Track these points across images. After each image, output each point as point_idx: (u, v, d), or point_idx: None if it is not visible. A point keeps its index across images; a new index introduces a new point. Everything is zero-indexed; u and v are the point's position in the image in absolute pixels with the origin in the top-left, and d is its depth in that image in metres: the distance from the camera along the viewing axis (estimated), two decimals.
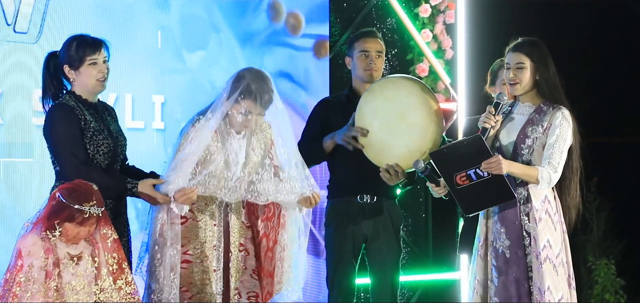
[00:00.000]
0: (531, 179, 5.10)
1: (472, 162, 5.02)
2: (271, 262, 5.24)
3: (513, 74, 5.18)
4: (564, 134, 5.12)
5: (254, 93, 5.03)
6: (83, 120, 4.94)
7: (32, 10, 6.06)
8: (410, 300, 7.78)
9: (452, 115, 7.71)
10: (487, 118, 5.15)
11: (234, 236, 5.17)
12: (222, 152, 5.06)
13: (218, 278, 5.09)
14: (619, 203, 8.70)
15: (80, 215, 4.57)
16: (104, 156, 4.98)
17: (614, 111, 8.80)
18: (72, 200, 4.57)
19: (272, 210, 5.26)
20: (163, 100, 6.54)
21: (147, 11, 6.47)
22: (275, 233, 5.25)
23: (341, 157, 5.75)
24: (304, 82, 7.16)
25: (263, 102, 5.05)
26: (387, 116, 5.49)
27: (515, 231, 5.14)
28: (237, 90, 5.03)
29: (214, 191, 5.03)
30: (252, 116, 5.06)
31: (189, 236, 5.08)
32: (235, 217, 5.16)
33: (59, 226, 4.57)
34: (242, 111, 5.05)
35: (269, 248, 5.25)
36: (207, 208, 5.10)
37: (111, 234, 4.72)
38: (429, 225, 7.85)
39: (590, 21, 8.71)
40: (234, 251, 5.15)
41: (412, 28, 7.62)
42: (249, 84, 5.03)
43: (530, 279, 5.11)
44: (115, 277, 4.70)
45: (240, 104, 5.04)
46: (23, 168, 6.05)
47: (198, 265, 5.08)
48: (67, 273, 4.60)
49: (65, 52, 5.01)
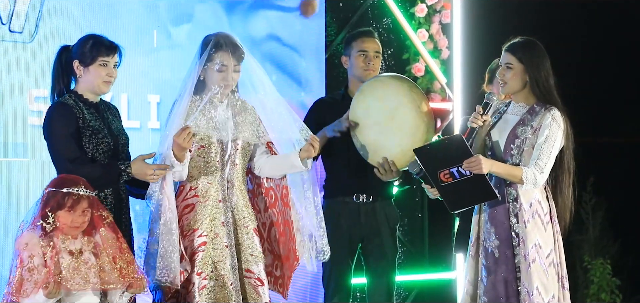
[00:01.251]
0: (515, 180, 5.09)
1: (455, 161, 5.04)
2: (286, 245, 5.21)
3: (501, 74, 5.20)
4: (553, 135, 5.11)
5: (223, 44, 5.05)
6: (82, 119, 4.93)
7: (28, 10, 6.05)
8: (406, 299, 7.77)
9: (448, 115, 7.70)
10: (475, 118, 5.16)
11: (240, 214, 5.12)
12: (210, 123, 5.04)
13: (231, 254, 5.04)
14: (615, 203, 8.72)
15: (70, 198, 4.60)
16: (104, 155, 4.97)
17: (610, 111, 8.81)
18: (60, 187, 4.61)
19: (274, 196, 5.24)
20: (159, 99, 6.53)
21: (143, 10, 6.46)
22: (283, 215, 5.22)
23: (337, 157, 5.76)
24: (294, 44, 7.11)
25: (235, 53, 5.07)
26: (378, 115, 5.51)
27: (504, 231, 5.15)
28: (207, 47, 5.06)
29: (206, 130, 5.02)
30: (228, 69, 5.06)
31: (201, 218, 5.04)
32: (238, 195, 5.13)
33: (51, 214, 4.59)
34: (216, 65, 5.05)
35: (281, 232, 5.22)
36: (211, 186, 5.07)
37: (107, 216, 4.73)
38: (425, 225, 7.85)
39: (586, 21, 8.72)
40: (240, 230, 5.10)
41: (408, 28, 7.61)
42: (218, 39, 5.07)
43: (518, 279, 5.12)
44: (114, 257, 4.69)
45: (214, 59, 5.04)
46: (20, 167, 6.04)
47: (211, 244, 5.03)
48: (70, 267, 4.58)
49: (79, 48, 5.01)
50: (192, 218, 5.03)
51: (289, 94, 7.02)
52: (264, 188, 5.27)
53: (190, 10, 6.65)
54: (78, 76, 5.01)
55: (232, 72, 5.08)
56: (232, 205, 5.10)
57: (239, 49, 5.10)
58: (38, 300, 4.52)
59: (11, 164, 6.02)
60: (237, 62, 5.09)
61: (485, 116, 5.17)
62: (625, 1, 8.58)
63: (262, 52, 6.91)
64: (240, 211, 5.12)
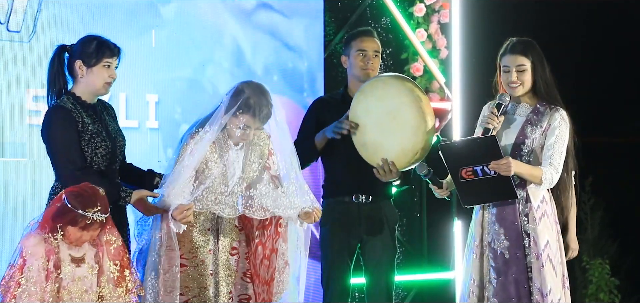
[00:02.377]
0: (535, 180, 5.11)
1: (481, 160, 5.05)
2: (268, 270, 5.17)
3: (515, 77, 5.17)
4: (562, 135, 5.14)
5: (252, 108, 5.00)
6: (81, 123, 4.91)
7: (26, 8, 6.03)
8: (404, 299, 7.77)
9: (446, 114, 7.67)
10: (491, 119, 5.15)
11: (225, 240, 5.14)
12: (220, 164, 5.04)
13: (215, 282, 5.08)
14: (614, 202, 8.72)
15: (84, 220, 4.56)
16: (102, 158, 4.95)
17: (609, 110, 8.81)
18: (77, 204, 4.54)
19: (269, 219, 5.21)
20: (157, 99, 6.52)
21: (141, 9, 6.45)
22: (272, 241, 5.19)
23: (337, 157, 5.74)
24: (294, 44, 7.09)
25: (261, 117, 5.03)
26: (379, 115, 5.49)
27: (514, 231, 5.14)
28: (236, 105, 5.00)
29: (211, 207, 5.01)
30: (250, 131, 5.05)
31: (184, 241, 5.05)
32: (227, 221, 5.14)
33: (61, 229, 4.56)
34: (240, 126, 5.02)
35: (266, 256, 5.18)
36: (201, 214, 5.07)
37: (115, 241, 4.70)
38: (424, 225, 7.84)
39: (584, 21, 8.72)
40: (223, 255, 5.12)
41: (407, 27, 7.60)
42: (248, 99, 5.00)
43: (529, 279, 5.11)
44: (116, 283, 4.68)
45: (239, 118, 5.01)
46: (18, 166, 6.03)
47: (193, 270, 5.06)
48: (67, 277, 4.58)
49: (82, 48, 4.97)
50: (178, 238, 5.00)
51: (290, 94, 7.02)
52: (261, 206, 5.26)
53: (190, 9, 6.64)
54: (79, 76, 4.97)
55: (254, 130, 5.07)
56: (221, 230, 5.12)
57: (267, 112, 5.04)
58: None
59: (9, 163, 6.01)
60: (262, 124, 5.07)
61: (500, 116, 5.17)
62: (625, 1, 8.58)
63: (263, 53, 6.90)
64: (226, 237, 5.14)
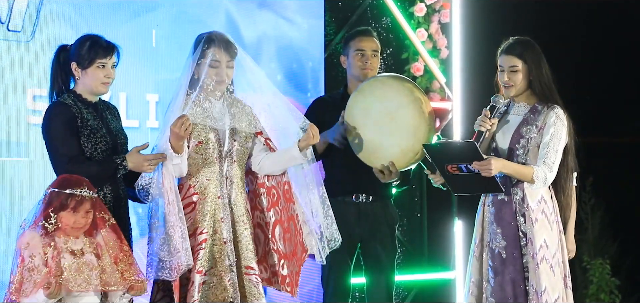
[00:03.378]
0: (526, 178, 5.10)
1: (464, 161, 5.05)
2: (292, 241, 5.18)
3: (507, 78, 5.18)
4: (558, 133, 5.13)
5: (216, 41, 5.06)
6: (80, 118, 4.92)
7: (26, 8, 6.04)
8: (405, 299, 7.77)
9: (447, 114, 7.65)
10: (483, 121, 5.16)
11: (238, 209, 5.11)
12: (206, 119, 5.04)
13: (229, 250, 5.03)
14: (614, 203, 8.72)
15: (73, 199, 4.59)
16: (102, 154, 4.96)
17: (609, 110, 8.82)
18: (62, 188, 4.59)
19: (276, 194, 5.23)
20: (157, 99, 6.52)
21: (142, 9, 6.45)
22: (287, 211, 5.21)
23: (336, 157, 5.74)
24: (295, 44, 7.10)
25: (228, 49, 5.07)
26: (377, 115, 5.49)
27: (511, 231, 5.15)
28: (199, 44, 5.07)
29: (203, 120, 5.01)
30: (221, 65, 5.06)
31: (203, 216, 5.03)
32: (236, 192, 5.12)
33: (54, 215, 4.58)
34: (209, 61, 5.04)
35: (286, 229, 5.19)
36: (210, 183, 5.06)
37: (109, 218, 4.72)
38: (424, 225, 7.84)
39: (585, 20, 8.73)
40: (239, 227, 5.09)
41: (407, 27, 7.61)
42: (210, 35, 5.08)
43: (526, 279, 5.11)
44: (116, 259, 4.68)
45: (206, 56, 5.04)
46: (19, 166, 6.03)
47: (210, 239, 5.02)
48: (71, 267, 4.58)
49: (76, 50, 4.98)
50: (194, 217, 5.02)
51: (294, 94, 7.02)
52: (266, 187, 5.25)
53: (190, 9, 6.64)
54: (77, 78, 4.99)
55: (226, 68, 5.08)
56: (231, 201, 5.09)
57: (232, 45, 5.10)
58: (39, 300, 4.51)
59: (11, 163, 6.01)
60: (231, 58, 5.09)
61: (492, 119, 5.17)
62: (625, 1, 8.58)
63: (263, 53, 6.90)
64: (239, 208, 5.11)
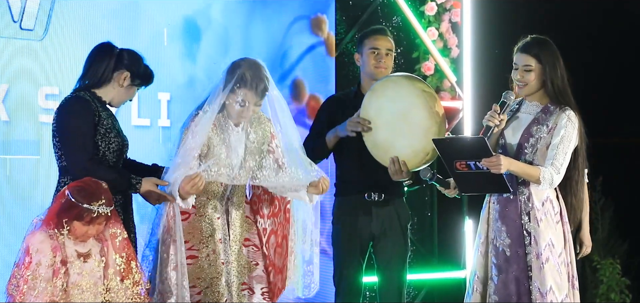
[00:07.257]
0: (532, 179, 5.09)
1: (473, 157, 5.04)
2: (281, 258, 5.22)
3: (520, 76, 5.17)
4: (568, 135, 5.11)
5: (249, 82, 5.02)
6: (97, 116, 4.93)
7: (38, 8, 6.05)
8: (415, 299, 7.77)
9: (457, 113, 7.69)
10: (492, 116, 5.15)
11: (236, 230, 5.14)
12: (222, 146, 5.05)
13: (227, 271, 5.07)
14: (624, 202, 8.71)
15: (89, 214, 4.57)
16: (113, 154, 4.97)
17: (620, 111, 8.80)
18: (80, 199, 4.56)
19: (278, 206, 5.25)
20: (169, 97, 6.52)
21: (153, 8, 6.46)
22: (283, 228, 5.24)
23: (348, 155, 5.74)
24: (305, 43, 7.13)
25: (259, 91, 5.04)
26: (390, 115, 5.48)
27: (516, 229, 5.14)
28: (233, 80, 5.02)
29: (217, 178, 5.00)
30: (249, 105, 5.05)
31: (193, 232, 5.06)
32: (236, 211, 5.15)
33: (67, 225, 4.57)
34: (238, 101, 5.03)
35: (278, 244, 5.23)
36: (209, 202, 5.08)
37: (120, 233, 4.71)
38: (435, 224, 7.84)
39: (597, 20, 8.70)
40: (234, 246, 5.13)
41: (418, 26, 7.61)
42: (244, 73, 5.02)
43: (530, 278, 5.11)
44: (122, 276, 4.69)
45: (237, 94, 5.03)
46: (29, 165, 6.04)
47: (205, 260, 5.06)
48: (74, 272, 4.59)
49: (134, 65, 5.04)
50: (187, 229, 5.03)
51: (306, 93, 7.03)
52: (269, 195, 5.27)
53: (202, 8, 6.65)
54: (118, 84, 5.01)
55: (253, 106, 5.07)
56: (231, 221, 5.12)
57: (264, 86, 5.05)
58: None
59: (22, 161, 6.02)
60: (260, 98, 5.07)
61: (502, 114, 5.16)
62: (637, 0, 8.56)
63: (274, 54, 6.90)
64: (237, 227, 5.14)
